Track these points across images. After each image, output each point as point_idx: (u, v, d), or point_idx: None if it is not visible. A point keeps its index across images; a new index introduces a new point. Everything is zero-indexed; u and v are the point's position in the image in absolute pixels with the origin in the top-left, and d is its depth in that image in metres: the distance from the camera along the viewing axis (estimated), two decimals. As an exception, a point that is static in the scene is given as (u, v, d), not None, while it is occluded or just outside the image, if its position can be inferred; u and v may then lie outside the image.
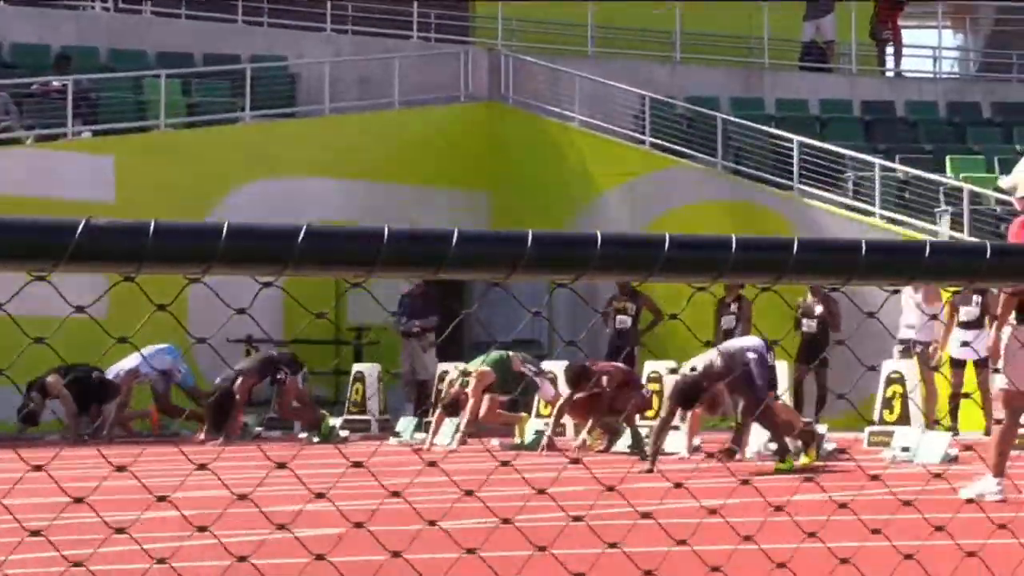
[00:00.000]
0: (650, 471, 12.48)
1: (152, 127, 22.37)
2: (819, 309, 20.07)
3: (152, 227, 1.71)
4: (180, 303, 14.53)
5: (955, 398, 18.75)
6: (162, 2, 25.56)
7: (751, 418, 13.31)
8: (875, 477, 5.72)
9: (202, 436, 17.32)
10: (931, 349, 18.80)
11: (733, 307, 20.79)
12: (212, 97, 23.55)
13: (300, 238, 1.71)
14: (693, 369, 13.15)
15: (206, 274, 1.79)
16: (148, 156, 21.94)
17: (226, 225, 1.71)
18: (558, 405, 15.71)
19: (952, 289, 18.90)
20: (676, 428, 14.56)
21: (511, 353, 16.61)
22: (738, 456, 13.94)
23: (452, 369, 17.29)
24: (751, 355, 13.35)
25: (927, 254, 2.08)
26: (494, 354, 16.51)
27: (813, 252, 2.16)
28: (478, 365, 16.26)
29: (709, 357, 13.19)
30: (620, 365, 15.99)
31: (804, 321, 20.09)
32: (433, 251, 1.78)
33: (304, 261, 1.73)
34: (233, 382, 17.33)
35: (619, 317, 21.70)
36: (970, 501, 9.40)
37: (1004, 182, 9.80)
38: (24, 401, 18.19)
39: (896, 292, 14.76)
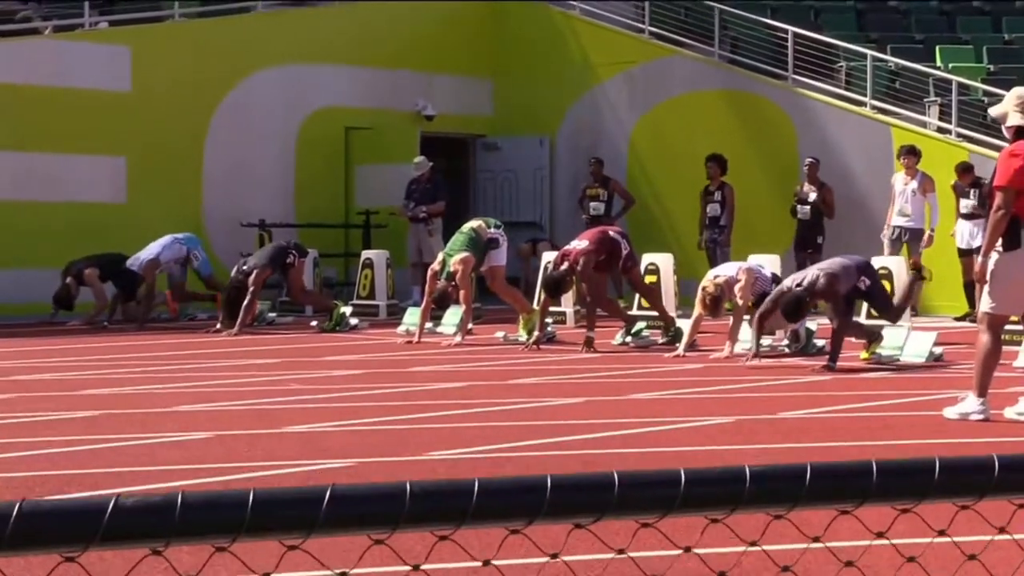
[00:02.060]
0: (755, 355, 13.21)
1: (167, 17, 22.26)
2: (813, 196, 20.13)
3: (179, 502, 1.79)
4: (196, 188, 15.14)
5: (969, 286, 18.93)
6: None
7: (844, 334, 13.37)
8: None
9: (218, 326, 17.43)
10: (925, 239, 18.91)
11: (717, 195, 20.87)
12: (225, -13, 23.43)
13: (324, 504, 1.80)
14: (798, 284, 12.99)
15: (234, 543, 1.86)
16: (163, 45, 21.83)
17: (250, 496, 1.80)
18: (539, 309, 15.70)
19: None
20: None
21: (477, 224, 16.36)
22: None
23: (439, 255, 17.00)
24: (866, 280, 13.31)
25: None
26: (464, 234, 16.01)
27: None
28: (456, 251, 15.96)
29: (808, 273, 13.15)
30: (594, 235, 15.50)
31: (799, 207, 20.14)
32: (456, 506, 1.88)
33: (328, 525, 1.81)
34: (247, 276, 17.41)
35: (592, 204, 21.72)
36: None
37: (993, 111, 9.77)
38: (61, 285, 18.36)
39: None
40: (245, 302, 17.16)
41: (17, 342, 16.12)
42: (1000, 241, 9.31)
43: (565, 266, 14.99)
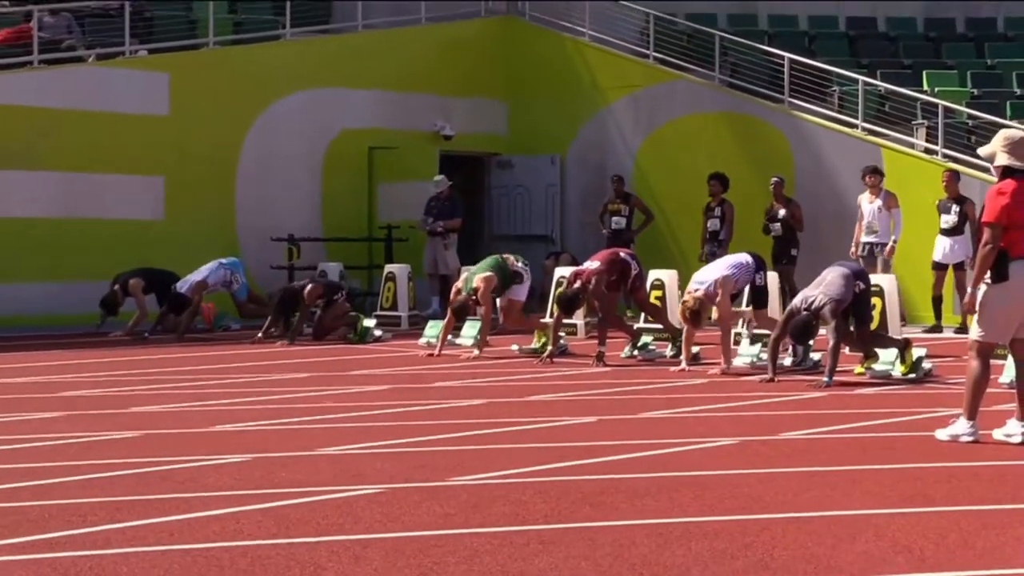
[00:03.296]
0: (772, 380, 13.10)
1: (202, 45, 22.23)
2: (783, 212, 20.23)
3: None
4: (229, 204, 15.15)
5: (937, 300, 18.98)
6: (210, -75, 25.27)
7: (867, 342, 13.57)
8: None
9: (260, 335, 17.49)
10: (888, 249, 18.95)
11: (717, 211, 20.92)
12: (256, 16, 23.38)
13: None
14: (806, 308, 13.02)
15: None
16: (199, 72, 21.84)
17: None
18: (552, 324, 15.72)
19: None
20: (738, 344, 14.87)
21: (505, 255, 16.56)
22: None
23: (463, 273, 17.21)
24: (860, 284, 13.43)
25: None
26: (491, 259, 16.37)
27: None
28: (481, 272, 16.15)
29: (813, 296, 13.09)
30: (606, 256, 15.49)
31: (771, 225, 20.25)
32: None
33: None
34: (302, 288, 17.60)
35: (614, 218, 21.88)
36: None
37: (982, 151, 9.75)
38: (109, 291, 18.57)
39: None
40: (301, 322, 17.52)
41: (64, 354, 16.14)
42: (988, 274, 9.32)
43: (578, 284, 15.06)
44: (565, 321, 17.42)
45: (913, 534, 6.75)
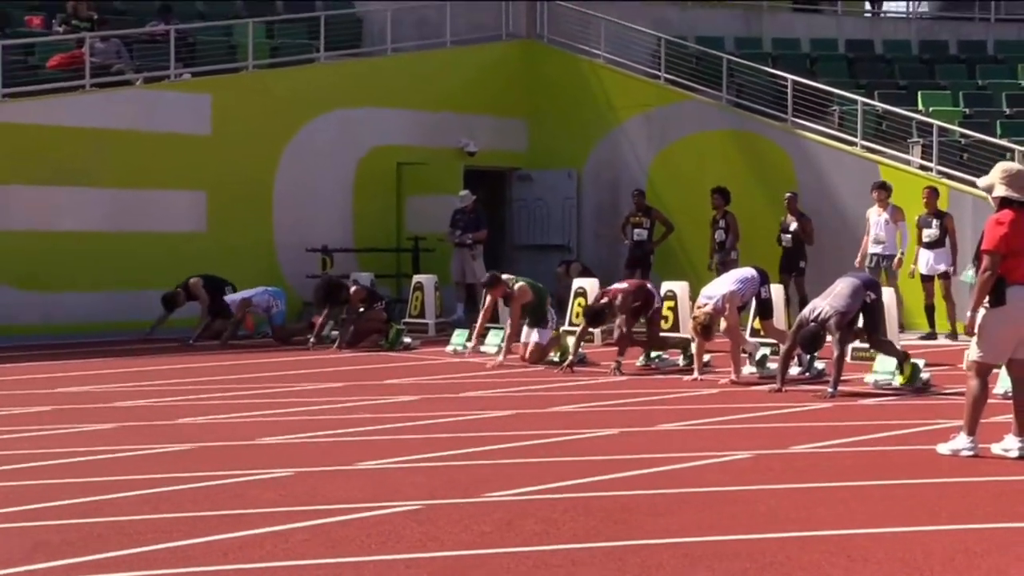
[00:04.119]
0: (779, 390, 13.10)
1: (242, 68, 22.19)
2: (794, 225, 20.18)
3: None
4: (267, 218, 15.22)
5: (929, 309, 18.96)
6: (248, -46, 25.28)
7: (881, 348, 13.57)
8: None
9: (313, 340, 17.88)
10: (895, 261, 18.95)
11: (721, 222, 20.92)
12: (292, 41, 23.35)
13: None
14: (813, 319, 12.96)
15: None
16: (239, 93, 21.84)
17: None
18: (577, 334, 15.69)
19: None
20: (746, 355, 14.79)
21: (549, 294, 16.56)
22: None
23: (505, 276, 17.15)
24: (871, 294, 13.36)
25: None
26: (538, 284, 16.43)
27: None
28: (525, 284, 16.16)
29: (821, 307, 13.01)
30: (635, 283, 15.62)
31: (783, 236, 20.22)
32: None
33: None
34: (346, 286, 17.92)
35: (636, 230, 21.82)
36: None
37: (981, 182, 9.69)
38: (174, 291, 18.80)
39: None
40: (347, 325, 17.72)
41: (116, 362, 16.15)
42: (987, 299, 9.27)
43: (605, 300, 15.05)
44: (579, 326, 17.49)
45: (922, 554, 6.69)
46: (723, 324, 14.41)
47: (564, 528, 7.25)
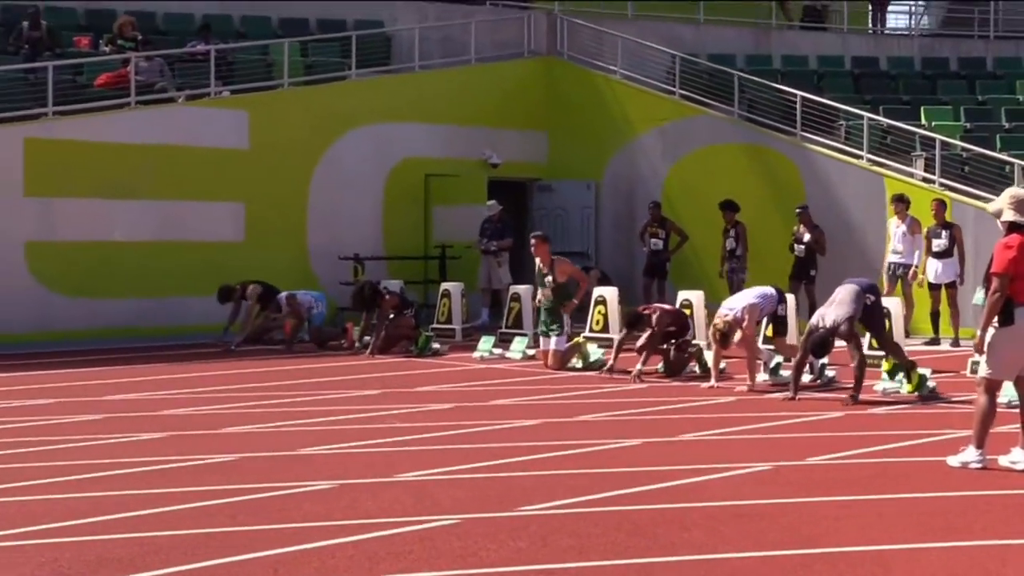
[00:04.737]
0: (793, 398, 13.14)
1: (278, 85, 22.18)
2: (807, 236, 20.11)
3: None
4: (301, 227, 15.26)
5: (935, 316, 18.90)
6: (283, -24, 25.28)
7: (889, 348, 13.69)
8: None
9: (357, 344, 18.06)
10: (911, 271, 18.91)
11: (732, 232, 20.94)
12: (325, 59, 23.33)
13: None
14: (822, 326, 13.01)
15: None
16: (275, 109, 21.82)
17: None
18: (616, 342, 15.67)
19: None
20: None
21: (574, 300, 16.53)
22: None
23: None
24: (870, 296, 13.43)
25: None
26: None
27: None
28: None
29: (831, 315, 13.04)
30: (674, 310, 15.74)
31: (796, 246, 20.16)
32: None
33: None
34: (382, 291, 17.97)
35: (652, 240, 21.83)
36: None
37: (990, 207, 9.64)
38: (232, 289, 18.85)
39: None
40: (379, 331, 17.74)
41: (162, 368, 16.16)
42: (996, 319, 9.24)
43: (647, 312, 15.20)
44: (603, 336, 17.51)
45: (942, 570, 6.65)
46: (740, 335, 14.36)
47: (596, 543, 7.23)
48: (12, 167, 19.19)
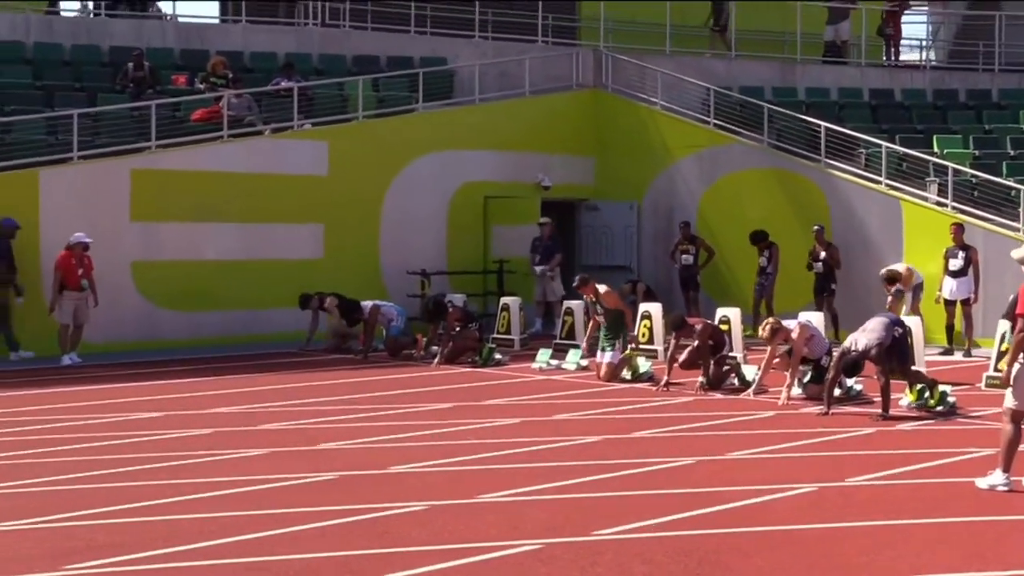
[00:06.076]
0: (826, 414, 13.00)
1: (353, 118, 22.22)
2: (823, 254, 20.15)
3: None
4: (374, 245, 15.26)
5: (950, 328, 18.78)
6: (357, 18, 25.27)
7: (910, 376, 13.53)
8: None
9: (423, 353, 18.13)
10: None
11: (766, 253, 20.88)
12: (395, 93, 23.35)
13: None
14: (854, 350, 13.03)
15: None
16: (351, 140, 21.88)
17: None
18: (668, 357, 15.58)
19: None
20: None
21: (631, 333, 16.57)
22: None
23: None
24: (899, 329, 13.38)
25: None
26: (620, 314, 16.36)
27: None
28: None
29: (863, 340, 13.05)
30: (711, 324, 15.69)
31: (814, 264, 20.17)
32: None
33: None
34: (447, 305, 18.01)
35: (683, 256, 21.94)
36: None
37: (1015, 254, 9.56)
38: (311, 297, 19.07)
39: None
40: (445, 343, 17.79)
41: (255, 379, 16.21)
42: (1022, 355, 9.15)
43: (690, 322, 15.25)
44: (649, 347, 17.50)
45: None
46: (789, 344, 14.13)
47: (667, 570, 7.22)
48: (120, 195, 19.34)
